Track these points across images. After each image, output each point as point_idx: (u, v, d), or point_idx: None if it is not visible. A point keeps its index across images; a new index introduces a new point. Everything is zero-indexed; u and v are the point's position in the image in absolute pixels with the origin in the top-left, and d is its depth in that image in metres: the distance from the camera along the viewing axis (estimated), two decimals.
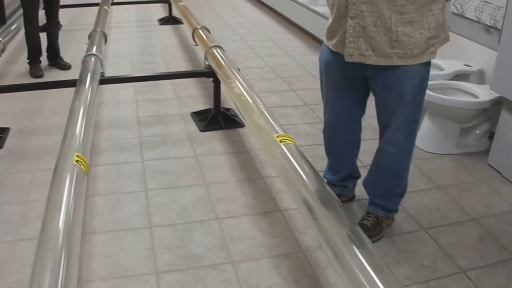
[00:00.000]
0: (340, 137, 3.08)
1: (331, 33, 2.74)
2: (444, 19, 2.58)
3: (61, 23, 6.18)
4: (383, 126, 2.84)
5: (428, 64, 2.64)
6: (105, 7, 6.55)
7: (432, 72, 2.80)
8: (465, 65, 4.31)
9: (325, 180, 3.15)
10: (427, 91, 2.89)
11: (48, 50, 6.02)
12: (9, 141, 4.15)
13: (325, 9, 6.84)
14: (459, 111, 3.81)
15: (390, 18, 2.47)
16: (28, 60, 5.82)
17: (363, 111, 2.99)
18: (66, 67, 5.96)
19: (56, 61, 6.01)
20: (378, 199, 3.00)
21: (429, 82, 2.77)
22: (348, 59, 2.63)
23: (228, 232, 3.02)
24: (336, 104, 2.96)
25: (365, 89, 2.84)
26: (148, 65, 6.16)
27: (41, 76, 5.69)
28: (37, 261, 1.69)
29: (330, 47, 2.76)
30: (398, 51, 2.53)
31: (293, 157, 2.40)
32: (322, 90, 3.03)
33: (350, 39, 2.58)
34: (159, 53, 6.62)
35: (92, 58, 4.08)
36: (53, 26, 5.98)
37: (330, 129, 3.10)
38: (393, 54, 2.54)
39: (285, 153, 2.43)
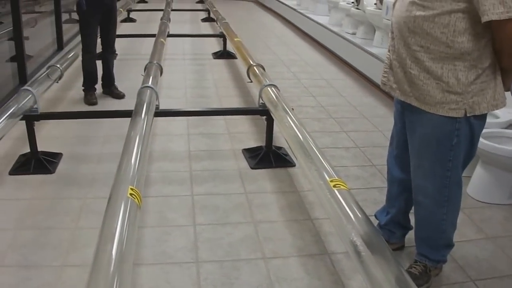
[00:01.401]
0: (393, 173, 3.08)
1: None
2: (477, 80, 2.46)
3: (116, 52, 6.28)
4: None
5: (455, 122, 2.53)
6: (161, 39, 6.66)
7: (487, 120, 2.73)
8: None
9: (377, 222, 3.19)
10: (481, 139, 2.83)
11: (103, 78, 6.15)
12: (61, 166, 4.24)
13: (379, 50, 6.88)
14: None
15: (405, 58, 2.55)
16: (83, 88, 5.96)
17: None
18: (120, 96, 6.08)
19: (111, 89, 6.13)
20: (424, 249, 2.94)
21: (483, 130, 2.71)
22: (382, 87, 2.81)
23: (274, 272, 2.98)
24: (397, 135, 2.98)
25: None
26: (201, 98, 6.23)
27: (95, 103, 5.82)
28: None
29: None
30: (415, 92, 2.56)
31: (346, 203, 2.37)
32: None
33: (385, 69, 2.74)
34: (212, 87, 6.70)
35: (148, 90, 4.13)
36: (109, 55, 6.12)
37: (389, 160, 3.10)
38: (411, 94, 2.59)
39: (339, 198, 2.41)
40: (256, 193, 3.90)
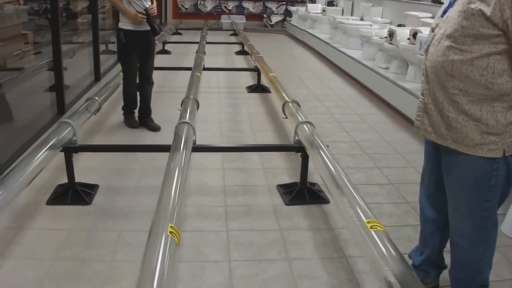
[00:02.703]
0: (426, 212, 3.07)
1: None
2: None
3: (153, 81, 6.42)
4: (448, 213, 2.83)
5: (494, 162, 2.53)
6: (198, 73, 6.74)
7: None
8: None
9: (411, 262, 3.18)
10: None
11: (140, 110, 6.28)
12: (98, 198, 4.30)
13: (412, 85, 6.90)
14: None
15: (442, 102, 2.56)
16: (123, 112, 6.28)
17: None
18: (155, 128, 6.17)
19: (146, 122, 6.23)
20: None
21: None
22: (415, 130, 2.82)
23: None
24: (428, 176, 2.99)
25: None
26: (236, 132, 6.28)
27: (136, 126, 6.14)
28: None
29: None
30: (452, 135, 2.56)
31: (382, 244, 2.39)
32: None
33: (418, 113, 2.76)
34: (246, 121, 6.76)
35: (186, 126, 4.20)
36: (147, 85, 6.23)
37: (422, 200, 3.10)
38: (448, 136, 2.59)
39: (375, 239, 2.43)
40: (291, 229, 3.90)
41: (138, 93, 6.24)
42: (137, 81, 6.17)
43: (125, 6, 5.74)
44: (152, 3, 5.87)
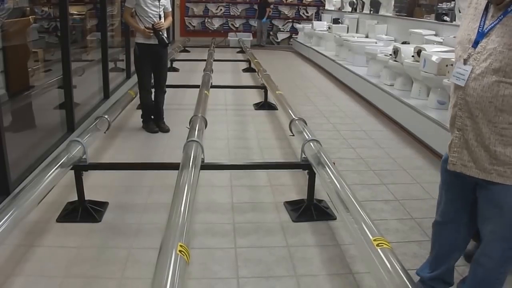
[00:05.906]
0: (445, 236, 3.08)
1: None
2: None
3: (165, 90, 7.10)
4: (482, 235, 2.83)
5: None
6: (205, 91, 6.82)
7: None
8: None
9: (418, 278, 3.20)
10: None
11: (154, 114, 7.10)
12: (107, 215, 4.34)
13: (416, 102, 6.95)
14: None
15: (489, 137, 2.54)
16: (142, 119, 7.11)
17: (472, 217, 2.91)
18: (165, 130, 7.02)
19: (159, 123, 7.08)
20: None
21: None
22: (450, 167, 2.75)
23: None
24: (448, 203, 2.99)
25: (475, 195, 2.82)
26: (243, 150, 6.33)
27: (156, 131, 6.95)
28: None
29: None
30: (498, 168, 2.56)
31: (389, 262, 2.43)
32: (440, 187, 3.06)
33: (455, 149, 2.71)
34: (254, 139, 6.81)
35: (194, 144, 4.25)
36: (160, 94, 7.07)
37: (438, 227, 3.12)
38: (493, 171, 2.58)
39: (381, 257, 2.47)
40: (298, 246, 3.92)
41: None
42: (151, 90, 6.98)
43: (136, 23, 6.59)
44: (160, 19, 6.59)
